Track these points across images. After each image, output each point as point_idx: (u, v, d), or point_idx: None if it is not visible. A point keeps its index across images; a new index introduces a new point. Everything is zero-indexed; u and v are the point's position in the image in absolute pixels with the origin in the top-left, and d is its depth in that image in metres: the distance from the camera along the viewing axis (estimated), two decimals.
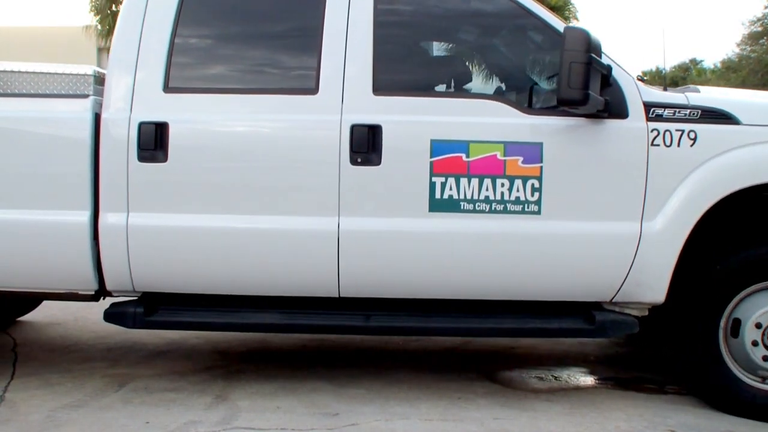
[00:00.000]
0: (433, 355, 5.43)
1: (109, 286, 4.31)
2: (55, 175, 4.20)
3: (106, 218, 4.17)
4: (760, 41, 35.36)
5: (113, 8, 27.09)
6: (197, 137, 4.21)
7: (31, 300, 5.77)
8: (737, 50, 36.65)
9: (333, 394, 4.40)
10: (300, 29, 4.40)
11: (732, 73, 34.20)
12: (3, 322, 6.00)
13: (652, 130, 4.08)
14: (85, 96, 4.32)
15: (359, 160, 4.09)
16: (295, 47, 4.43)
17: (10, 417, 3.97)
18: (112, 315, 4.34)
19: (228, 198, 4.15)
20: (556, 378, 4.92)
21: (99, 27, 27.29)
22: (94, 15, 27.37)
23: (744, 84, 31.81)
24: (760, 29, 35.13)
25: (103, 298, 4.52)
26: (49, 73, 4.53)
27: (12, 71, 4.57)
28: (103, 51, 31.83)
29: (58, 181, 4.20)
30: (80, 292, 4.39)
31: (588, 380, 4.93)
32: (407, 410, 4.17)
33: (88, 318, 6.34)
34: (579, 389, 4.70)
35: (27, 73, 4.56)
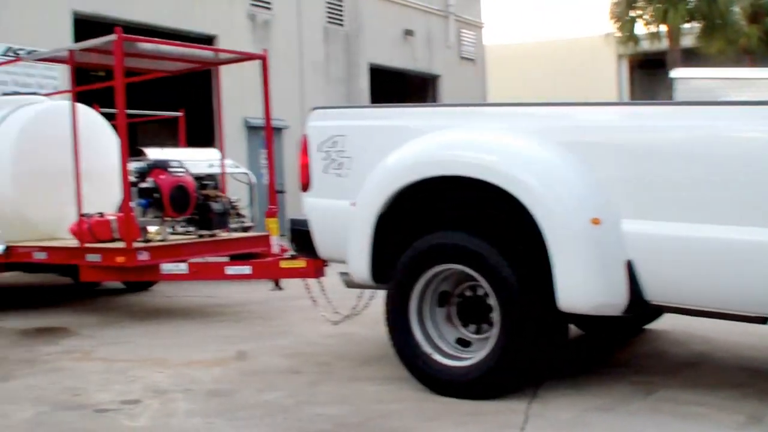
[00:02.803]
0: None
1: None
2: None
3: None
4: None
5: (631, 14, 27.28)
6: None
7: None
8: None
9: None
10: None
11: None
12: (633, 330, 6.09)
13: None
14: None
15: None
16: None
17: (541, 413, 4.21)
18: None
19: None
20: None
21: (619, 34, 27.69)
22: (614, 22, 27.83)
23: None
24: None
25: None
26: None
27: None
28: (622, 58, 32.26)
29: None
30: None
31: None
32: None
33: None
34: None
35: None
